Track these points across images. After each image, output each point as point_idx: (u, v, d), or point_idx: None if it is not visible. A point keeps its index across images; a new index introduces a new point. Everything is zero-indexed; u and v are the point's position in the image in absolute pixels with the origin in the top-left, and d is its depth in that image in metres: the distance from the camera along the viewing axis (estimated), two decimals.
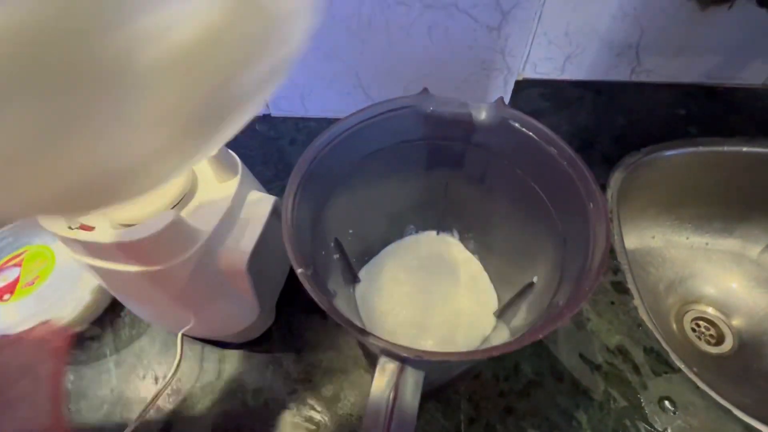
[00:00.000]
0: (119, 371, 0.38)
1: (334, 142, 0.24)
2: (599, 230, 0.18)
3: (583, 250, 0.19)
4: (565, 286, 0.20)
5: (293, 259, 0.19)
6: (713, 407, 0.34)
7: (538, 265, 0.25)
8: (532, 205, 0.25)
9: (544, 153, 0.22)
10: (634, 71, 0.59)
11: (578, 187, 0.20)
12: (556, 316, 0.17)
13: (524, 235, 0.27)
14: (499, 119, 0.24)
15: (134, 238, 0.24)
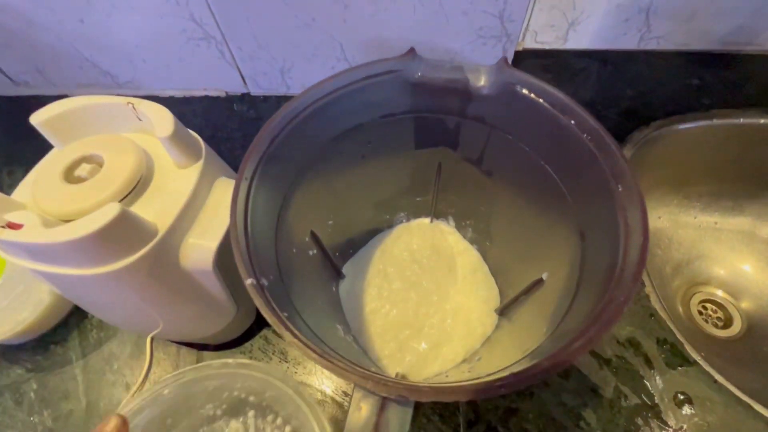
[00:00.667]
0: (87, 378, 0.35)
1: (301, 116, 0.20)
2: (632, 220, 0.15)
3: (609, 245, 0.15)
4: (587, 290, 0.16)
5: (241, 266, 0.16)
6: (732, 402, 0.31)
7: (549, 259, 0.22)
8: (541, 189, 0.21)
9: (558, 124, 0.18)
10: (643, 38, 0.54)
11: (602, 166, 0.17)
12: (587, 339, 0.13)
13: (532, 224, 0.24)
14: (502, 85, 0.20)
15: (69, 237, 0.20)
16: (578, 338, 0.13)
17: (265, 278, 0.16)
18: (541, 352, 0.16)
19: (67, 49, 0.49)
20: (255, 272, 0.16)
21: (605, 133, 0.17)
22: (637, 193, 0.15)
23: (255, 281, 0.15)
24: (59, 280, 0.24)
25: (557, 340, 0.15)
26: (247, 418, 0.30)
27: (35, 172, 0.27)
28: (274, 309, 0.15)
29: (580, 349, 0.13)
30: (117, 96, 0.26)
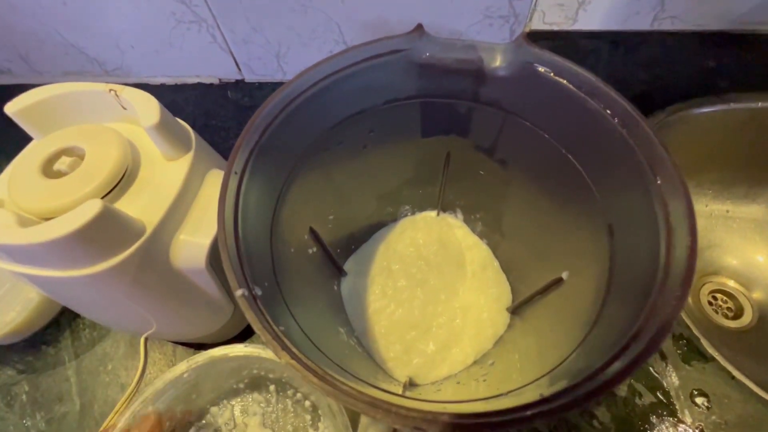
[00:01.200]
0: (80, 379, 0.34)
1: (296, 101, 0.18)
2: (676, 217, 0.13)
3: (646, 244, 0.14)
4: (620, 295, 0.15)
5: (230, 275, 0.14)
6: (751, 399, 0.30)
7: (570, 258, 0.20)
8: (562, 180, 0.19)
9: (584, 109, 0.16)
10: (656, 18, 0.51)
11: (637, 156, 0.15)
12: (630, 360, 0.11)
13: (550, 218, 0.22)
14: (521, 64, 0.18)
15: (45, 238, 0.18)
16: (618, 356, 0.12)
17: (258, 287, 0.15)
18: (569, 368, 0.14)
19: (50, 34, 0.47)
20: (247, 281, 0.14)
21: (642, 119, 0.15)
22: (681, 186, 0.13)
23: (247, 292, 0.14)
24: (41, 282, 0.23)
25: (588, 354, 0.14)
26: (269, 392, 0.31)
27: (12, 166, 0.25)
28: (268, 324, 0.13)
29: (624, 371, 0.11)
30: (98, 83, 0.24)
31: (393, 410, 0.11)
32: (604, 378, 0.11)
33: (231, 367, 0.29)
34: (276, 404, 0.31)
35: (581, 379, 0.11)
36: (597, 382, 0.11)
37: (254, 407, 0.31)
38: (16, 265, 0.21)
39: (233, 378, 0.31)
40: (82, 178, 0.22)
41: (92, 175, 0.22)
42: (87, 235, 0.19)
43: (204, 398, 0.31)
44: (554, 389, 0.11)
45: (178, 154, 0.25)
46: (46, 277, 0.21)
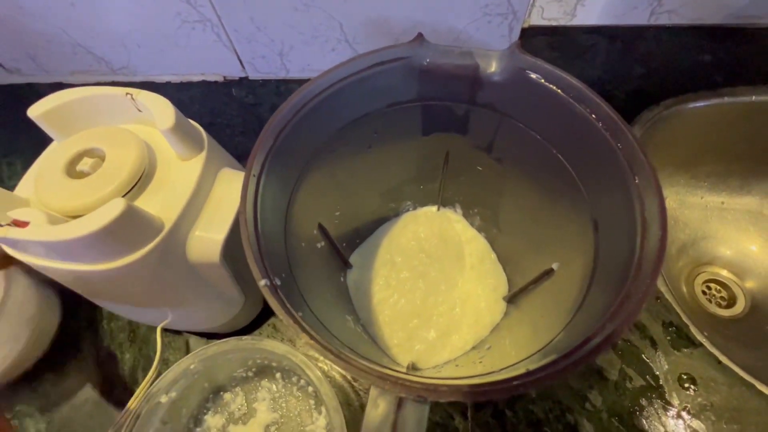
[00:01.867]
0: (100, 367, 0.35)
1: (307, 107, 0.19)
2: (650, 212, 0.14)
3: (626, 237, 0.15)
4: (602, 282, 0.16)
5: (254, 267, 0.15)
6: (736, 383, 0.31)
7: (560, 249, 0.22)
8: (553, 178, 0.20)
9: (572, 112, 0.18)
10: (653, 13, 0.52)
11: (618, 156, 0.16)
12: (605, 336, 0.13)
13: (543, 213, 0.23)
14: (514, 71, 0.19)
15: (75, 234, 0.20)
16: (596, 335, 0.13)
17: (277, 277, 0.16)
18: (555, 347, 0.16)
19: (58, 34, 0.48)
20: (268, 273, 0.16)
21: (623, 123, 0.17)
22: (655, 185, 0.15)
23: (269, 282, 0.15)
24: (66, 276, 0.24)
25: (572, 334, 0.15)
26: (276, 379, 0.33)
27: (36, 166, 0.26)
28: (289, 310, 0.15)
29: (599, 346, 0.13)
30: (116, 86, 0.26)
31: (399, 381, 0.12)
32: (582, 353, 0.13)
33: (238, 358, 0.31)
34: (282, 390, 0.33)
35: (563, 354, 0.13)
36: (577, 356, 0.13)
37: (263, 393, 0.33)
38: (44, 260, 0.23)
39: (241, 367, 0.33)
40: (103, 178, 0.23)
41: (113, 175, 0.24)
42: (112, 231, 0.21)
43: (215, 385, 0.33)
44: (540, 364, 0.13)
45: (191, 154, 0.26)
46: (74, 271, 0.23)
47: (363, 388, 0.32)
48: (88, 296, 0.30)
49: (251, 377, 0.33)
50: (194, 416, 0.32)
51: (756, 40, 0.51)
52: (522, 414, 0.31)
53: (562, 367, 0.13)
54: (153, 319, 0.31)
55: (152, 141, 0.27)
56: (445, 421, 0.31)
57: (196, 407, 0.32)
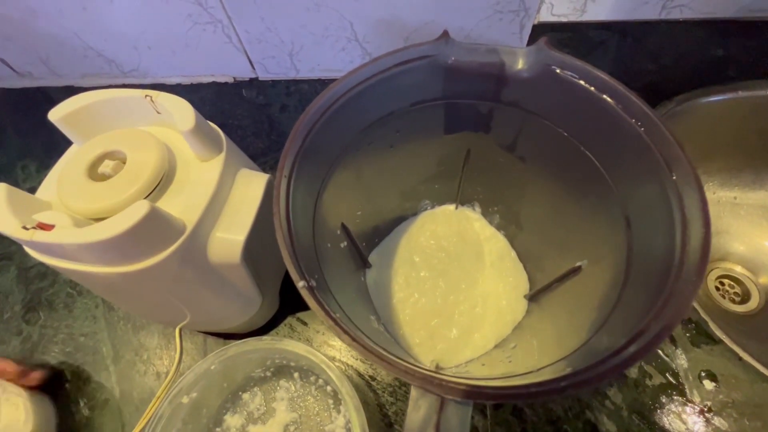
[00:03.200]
0: (118, 368, 0.36)
1: (332, 108, 0.19)
2: (690, 209, 0.14)
3: (662, 235, 0.15)
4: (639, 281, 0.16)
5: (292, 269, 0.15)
6: (758, 379, 0.31)
7: (588, 248, 0.21)
8: (580, 175, 0.20)
9: (602, 108, 0.18)
10: (664, 7, 0.52)
11: (653, 152, 0.16)
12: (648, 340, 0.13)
13: (567, 211, 0.23)
14: (541, 67, 0.19)
15: (100, 237, 0.20)
16: (640, 335, 0.13)
17: (312, 279, 0.16)
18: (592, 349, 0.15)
19: (70, 38, 0.48)
20: (304, 274, 0.16)
21: (657, 118, 0.16)
22: (695, 181, 0.15)
23: (307, 284, 0.15)
24: (89, 278, 0.24)
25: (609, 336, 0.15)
26: (294, 379, 0.33)
27: (57, 170, 0.26)
28: (329, 312, 0.15)
29: (641, 351, 0.13)
30: (135, 89, 0.26)
31: (444, 384, 0.12)
32: (621, 358, 0.13)
33: (256, 358, 0.31)
34: (300, 390, 0.33)
35: (600, 358, 0.13)
36: (615, 361, 0.13)
37: (281, 393, 0.33)
38: (69, 263, 0.23)
39: (259, 367, 0.33)
40: (125, 181, 0.24)
41: (135, 177, 0.24)
42: (137, 233, 0.21)
43: (235, 385, 0.33)
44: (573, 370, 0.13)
45: (210, 155, 0.26)
46: (97, 274, 0.23)
47: (381, 387, 0.32)
48: (109, 297, 0.30)
49: (269, 377, 0.34)
50: (214, 416, 0.32)
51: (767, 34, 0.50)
52: (541, 412, 0.31)
53: (600, 372, 0.12)
54: (172, 319, 0.31)
55: (171, 142, 0.27)
56: None
57: (216, 408, 0.32)
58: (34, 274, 0.41)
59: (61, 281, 0.41)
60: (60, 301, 0.39)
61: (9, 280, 0.41)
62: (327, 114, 0.19)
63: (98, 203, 0.23)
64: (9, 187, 0.23)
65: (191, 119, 0.24)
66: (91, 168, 0.24)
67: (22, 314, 0.39)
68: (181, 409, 0.29)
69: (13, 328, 0.38)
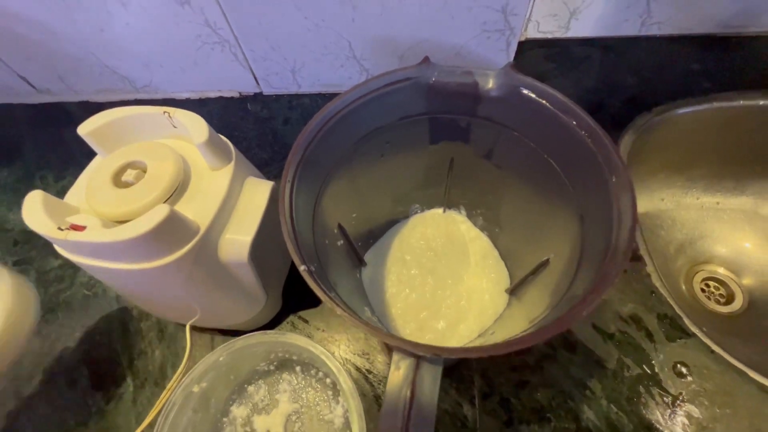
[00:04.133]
0: (132, 363, 0.38)
1: (330, 123, 0.22)
2: (624, 206, 0.17)
3: (604, 229, 0.18)
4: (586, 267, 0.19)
5: (295, 256, 0.18)
6: (728, 370, 0.33)
7: (554, 242, 0.24)
8: (545, 180, 0.23)
9: (559, 123, 0.20)
10: (644, 24, 0.55)
11: (599, 160, 0.19)
12: (579, 304, 0.16)
13: (537, 212, 0.26)
14: (509, 87, 0.22)
15: (126, 236, 0.23)
16: (578, 305, 0.16)
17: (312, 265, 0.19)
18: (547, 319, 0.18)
19: (87, 57, 0.52)
20: (305, 261, 0.18)
21: (602, 132, 0.19)
22: (628, 184, 0.17)
23: (307, 268, 0.18)
24: (114, 275, 0.27)
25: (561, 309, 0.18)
26: (296, 372, 0.36)
27: (84, 178, 0.29)
28: (324, 290, 0.17)
29: (578, 311, 0.15)
30: (154, 106, 0.29)
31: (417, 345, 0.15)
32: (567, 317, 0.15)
33: (261, 351, 0.34)
34: (302, 382, 0.36)
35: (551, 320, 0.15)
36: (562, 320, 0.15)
37: (284, 385, 0.36)
38: (95, 261, 0.26)
39: (264, 360, 0.35)
40: (146, 188, 0.26)
41: (154, 184, 0.27)
42: (158, 233, 0.24)
43: (241, 378, 0.36)
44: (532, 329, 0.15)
45: (221, 164, 0.29)
46: (121, 270, 0.26)
47: (376, 380, 0.35)
48: (127, 294, 0.33)
49: (273, 371, 0.36)
50: (222, 407, 0.34)
51: (742, 48, 0.54)
52: (527, 401, 0.33)
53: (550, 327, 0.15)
54: (183, 316, 0.33)
55: (186, 153, 0.30)
56: (454, 409, 0.33)
57: (223, 399, 0.35)
58: (52, 277, 0.44)
59: (78, 284, 0.43)
60: (77, 302, 0.42)
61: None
62: (324, 129, 0.22)
63: (122, 207, 0.26)
64: (43, 193, 0.25)
65: (205, 133, 0.27)
66: (116, 176, 0.27)
67: (42, 314, 0.42)
68: (192, 398, 0.32)
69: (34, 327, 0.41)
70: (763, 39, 0.54)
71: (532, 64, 0.55)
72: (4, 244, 0.47)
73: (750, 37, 0.54)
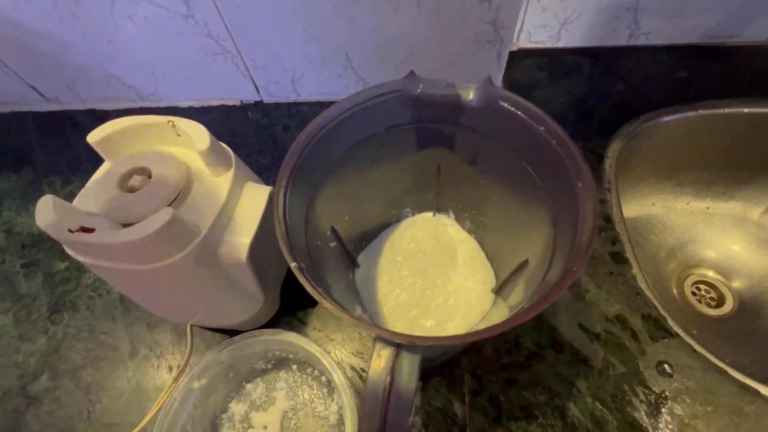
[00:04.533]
0: (134, 362, 0.39)
1: (322, 132, 0.24)
2: (587, 209, 0.19)
3: (572, 229, 0.19)
4: (557, 264, 0.20)
5: (286, 254, 0.19)
6: (710, 369, 0.35)
7: (532, 243, 0.25)
8: (524, 185, 0.25)
9: (534, 132, 0.22)
10: (632, 34, 0.57)
11: (567, 166, 0.20)
12: (544, 296, 0.17)
13: (518, 215, 0.27)
14: (488, 99, 0.23)
15: (133, 238, 0.24)
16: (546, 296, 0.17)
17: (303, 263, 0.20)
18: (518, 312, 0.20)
19: (95, 67, 0.54)
20: (296, 259, 0.20)
21: (569, 140, 0.21)
22: (592, 189, 0.19)
23: (297, 264, 0.19)
24: (119, 276, 0.28)
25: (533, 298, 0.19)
26: (292, 371, 0.37)
27: (92, 183, 0.31)
28: (313, 285, 0.19)
29: (544, 300, 0.17)
30: (159, 116, 0.31)
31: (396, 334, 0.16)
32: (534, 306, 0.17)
33: (258, 349, 0.35)
34: (298, 380, 0.37)
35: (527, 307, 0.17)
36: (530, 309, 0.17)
37: (280, 383, 0.37)
38: (102, 261, 0.27)
39: (261, 359, 0.37)
40: (151, 192, 0.28)
41: (159, 189, 0.28)
42: (162, 235, 0.25)
43: (239, 376, 0.37)
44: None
45: (222, 171, 0.31)
46: (126, 270, 0.27)
47: None
48: (131, 294, 0.34)
49: (270, 369, 0.37)
50: (221, 404, 0.36)
51: (727, 58, 0.55)
52: (515, 399, 0.35)
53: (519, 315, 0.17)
54: (184, 315, 0.35)
55: (189, 160, 0.31)
56: (444, 406, 0.35)
57: (222, 396, 0.36)
58: (59, 279, 0.46)
59: (83, 285, 0.45)
60: (82, 303, 0.44)
61: (36, 285, 0.46)
62: (316, 138, 0.24)
63: (128, 211, 0.27)
64: (54, 198, 0.27)
65: (206, 141, 0.29)
66: (122, 181, 0.29)
67: (48, 315, 0.43)
68: (192, 395, 0.33)
69: (40, 327, 0.43)
70: (747, 48, 0.56)
71: (525, 73, 0.57)
72: (13, 247, 0.49)
73: (735, 46, 0.56)
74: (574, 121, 0.51)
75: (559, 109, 0.52)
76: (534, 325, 0.37)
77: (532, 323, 0.38)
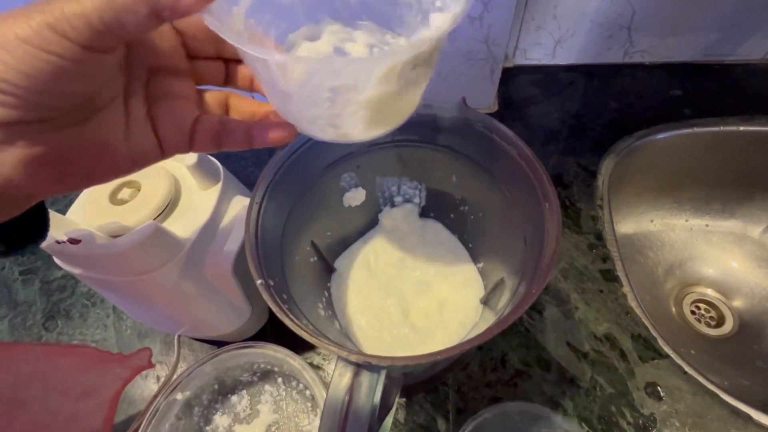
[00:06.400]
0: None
1: (303, 148, 0.24)
2: (551, 230, 0.19)
3: (538, 247, 0.19)
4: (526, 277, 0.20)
5: (253, 270, 0.20)
6: (700, 392, 0.34)
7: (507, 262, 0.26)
8: (499, 204, 0.25)
9: (506, 153, 0.22)
10: (627, 52, 0.57)
11: (536, 188, 0.21)
12: (502, 320, 0.17)
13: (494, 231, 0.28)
14: (462, 120, 0.24)
15: (116, 249, 0.25)
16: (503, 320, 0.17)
17: (272, 280, 0.21)
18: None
19: None
20: (264, 275, 0.20)
21: (537, 162, 0.21)
22: (556, 211, 0.19)
23: (263, 282, 0.20)
24: (107, 286, 0.29)
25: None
26: (277, 384, 0.37)
27: (84, 195, 0.32)
28: (276, 301, 0.19)
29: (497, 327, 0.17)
30: None
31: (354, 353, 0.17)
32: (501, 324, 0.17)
33: (243, 362, 0.35)
34: (283, 393, 0.37)
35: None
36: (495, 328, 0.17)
37: (266, 396, 0.37)
38: (89, 272, 0.28)
39: (247, 372, 0.37)
40: (139, 205, 0.29)
41: (147, 202, 0.29)
42: (145, 247, 0.26)
43: (224, 388, 0.37)
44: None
45: (210, 184, 0.32)
46: (112, 281, 0.28)
47: None
48: (120, 304, 0.35)
49: (255, 381, 0.37)
50: (204, 415, 0.36)
51: (722, 76, 0.55)
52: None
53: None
54: (172, 326, 0.35)
55: (178, 174, 0.32)
56: (428, 423, 0.34)
57: (206, 407, 0.36)
58: (55, 287, 0.46)
59: (79, 293, 0.46)
60: (76, 311, 0.44)
61: (33, 292, 0.46)
62: (295, 155, 0.24)
63: (117, 223, 0.28)
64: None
65: (194, 156, 0.30)
66: (113, 194, 0.30)
67: (42, 322, 0.44)
68: (176, 405, 0.33)
69: (34, 334, 0.43)
70: (741, 66, 0.56)
71: (520, 89, 0.57)
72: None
73: (729, 65, 0.56)
74: (567, 137, 0.51)
75: (553, 125, 0.52)
76: (521, 343, 0.37)
77: (519, 340, 0.37)
